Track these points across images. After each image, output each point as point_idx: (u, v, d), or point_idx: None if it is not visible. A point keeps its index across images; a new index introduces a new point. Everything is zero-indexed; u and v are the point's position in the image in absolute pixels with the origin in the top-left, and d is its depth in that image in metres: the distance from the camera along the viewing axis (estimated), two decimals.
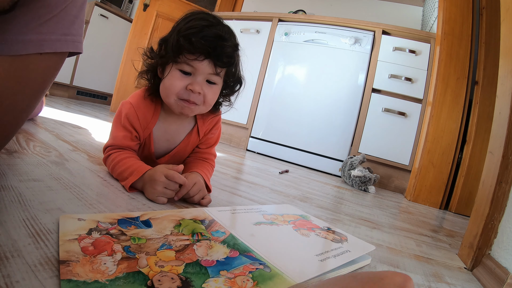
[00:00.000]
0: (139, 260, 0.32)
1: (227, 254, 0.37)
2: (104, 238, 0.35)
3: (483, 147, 1.34)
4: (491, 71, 1.34)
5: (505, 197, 0.60)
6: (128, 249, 0.33)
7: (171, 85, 0.59)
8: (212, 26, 0.57)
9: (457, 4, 1.45)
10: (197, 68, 0.58)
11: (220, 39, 0.57)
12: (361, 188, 1.39)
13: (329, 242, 0.50)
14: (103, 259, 0.30)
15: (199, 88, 0.59)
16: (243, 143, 1.98)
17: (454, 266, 0.61)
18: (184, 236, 0.40)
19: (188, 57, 0.56)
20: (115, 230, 0.37)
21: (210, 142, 0.76)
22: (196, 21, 0.57)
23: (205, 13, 0.61)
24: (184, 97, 0.59)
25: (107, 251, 0.32)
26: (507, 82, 0.65)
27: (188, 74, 0.59)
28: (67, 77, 2.59)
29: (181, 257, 0.34)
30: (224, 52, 0.57)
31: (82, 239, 0.33)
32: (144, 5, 2.27)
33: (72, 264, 0.28)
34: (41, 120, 1.15)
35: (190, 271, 0.31)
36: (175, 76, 0.59)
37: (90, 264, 0.29)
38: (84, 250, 0.31)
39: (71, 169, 0.61)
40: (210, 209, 0.54)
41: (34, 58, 0.38)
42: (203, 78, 0.59)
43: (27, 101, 0.41)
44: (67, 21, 0.41)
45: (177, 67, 0.58)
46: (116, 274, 0.28)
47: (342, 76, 1.74)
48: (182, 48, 0.56)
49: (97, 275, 0.27)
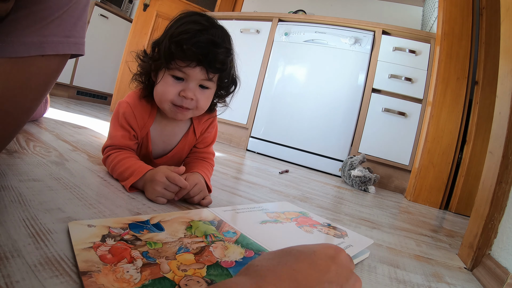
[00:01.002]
0: (161, 266, 0.31)
1: (243, 254, 0.38)
2: (120, 245, 0.34)
3: (483, 147, 1.34)
4: (491, 71, 1.34)
5: (505, 197, 0.60)
6: (147, 255, 0.33)
7: (164, 91, 0.59)
8: (205, 30, 0.56)
9: (457, 4, 1.45)
10: (189, 74, 0.57)
11: (212, 45, 0.56)
12: (361, 188, 1.39)
13: (332, 238, 0.51)
14: (125, 267, 0.30)
15: (192, 95, 0.59)
16: (243, 143, 1.97)
17: (454, 266, 0.61)
18: (197, 238, 0.40)
19: (180, 64, 0.56)
20: (129, 236, 0.37)
21: (207, 141, 0.76)
22: (188, 25, 0.56)
23: (198, 15, 0.60)
24: (177, 103, 0.60)
25: (127, 258, 0.32)
26: (507, 82, 0.65)
27: (181, 80, 0.59)
28: (67, 77, 2.59)
29: (201, 259, 0.34)
30: (216, 59, 0.57)
31: (98, 247, 0.33)
32: (144, 5, 2.27)
33: (94, 274, 0.27)
34: (41, 120, 1.15)
35: (213, 273, 0.32)
36: (168, 83, 0.59)
37: (113, 273, 0.28)
38: (103, 259, 0.30)
39: (71, 169, 0.61)
40: (216, 209, 0.55)
41: (36, 60, 0.38)
42: (195, 83, 0.59)
43: (29, 103, 0.41)
44: (69, 23, 0.40)
45: (169, 73, 0.58)
46: (142, 282, 0.28)
47: (342, 76, 1.74)
48: (174, 55, 0.55)
49: (123, 285, 0.27)
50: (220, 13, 2.20)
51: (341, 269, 0.26)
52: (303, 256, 0.26)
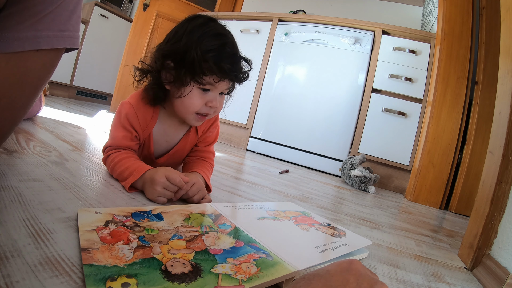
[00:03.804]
0: (153, 248, 0.34)
1: (233, 244, 0.40)
2: (120, 229, 0.37)
3: (483, 147, 1.34)
4: (491, 71, 1.34)
5: (505, 197, 0.60)
6: (143, 239, 0.36)
7: (192, 104, 0.60)
8: (229, 43, 0.59)
9: (457, 4, 1.45)
10: (217, 86, 0.60)
11: (239, 59, 0.60)
12: (361, 188, 1.39)
13: (328, 236, 0.52)
14: (121, 247, 0.33)
15: (217, 103, 0.62)
16: (243, 143, 1.97)
17: (454, 266, 0.61)
18: (193, 228, 0.43)
19: (215, 79, 0.58)
20: (130, 222, 0.40)
21: (208, 140, 0.76)
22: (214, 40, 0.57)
23: (214, 22, 0.61)
24: (202, 112, 0.62)
25: (124, 240, 0.35)
26: (507, 82, 0.65)
27: (207, 91, 0.60)
28: (67, 77, 2.59)
29: (191, 246, 0.37)
30: (241, 71, 0.61)
31: (100, 230, 0.36)
32: (144, 5, 2.27)
33: (93, 251, 0.31)
34: (41, 120, 1.15)
35: (199, 258, 0.34)
36: (196, 95, 0.60)
37: (109, 251, 0.32)
38: (103, 239, 0.34)
39: (71, 169, 0.61)
40: (217, 204, 0.56)
41: (31, 55, 0.38)
42: (218, 92, 0.62)
43: (25, 99, 0.41)
44: (63, 17, 0.40)
45: (198, 86, 0.59)
46: (133, 260, 0.31)
47: (342, 76, 1.74)
48: (209, 71, 0.56)
49: (116, 261, 0.30)
50: (220, 13, 2.20)
51: (361, 278, 0.25)
52: (316, 278, 0.25)
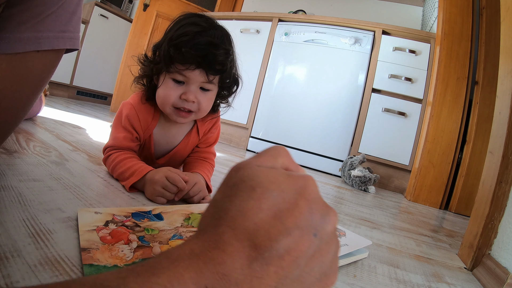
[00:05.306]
0: (153, 248, 0.34)
1: None
2: (120, 229, 0.37)
3: (483, 147, 1.34)
4: (491, 71, 1.34)
5: (505, 197, 0.60)
6: (143, 239, 0.36)
7: (165, 95, 0.59)
8: (204, 31, 0.56)
9: (457, 4, 1.44)
10: (189, 77, 0.57)
11: (211, 46, 0.55)
12: (361, 188, 1.39)
13: None
14: (121, 247, 0.33)
15: (193, 97, 0.59)
16: (243, 143, 1.97)
17: (454, 266, 0.61)
18: (193, 228, 0.43)
19: (179, 67, 0.56)
20: (130, 222, 0.40)
21: (209, 141, 0.76)
22: (186, 27, 0.56)
23: (197, 16, 0.60)
24: (179, 106, 0.60)
25: (124, 240, 0.35)
26: (507, 82, 0.65)
27: (181, 83, 0.59)
28: (67, 77, 2.59)
29: None
30: (216, 60, 0.56)
31: (100, 230, 0.36)
32: (144, 5, 2.27)
33: (93, 251, 0.31)
34: (41, 120, 1.15)
35: None
36: (168, 86, 0.59)
37: (109, 251, 0.32)
38: (103, 239, 0.34)
39: (71, 169, 0.61)
40: None
41: (32, 56, 0.38)
42: (196, 86, 0.59)
43: (25, 99, 0.41)
44: (64, 18, 0.40)
45: (170, 76, 0.58)
46: (133, 260, 0.31)
47: (342, 76, 1.74)
48: (173, 58, 0.55)
49: (115, 261, 0.30)
50: (220, 13, 2.20)
51: (314, 205, 0.18)
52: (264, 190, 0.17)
